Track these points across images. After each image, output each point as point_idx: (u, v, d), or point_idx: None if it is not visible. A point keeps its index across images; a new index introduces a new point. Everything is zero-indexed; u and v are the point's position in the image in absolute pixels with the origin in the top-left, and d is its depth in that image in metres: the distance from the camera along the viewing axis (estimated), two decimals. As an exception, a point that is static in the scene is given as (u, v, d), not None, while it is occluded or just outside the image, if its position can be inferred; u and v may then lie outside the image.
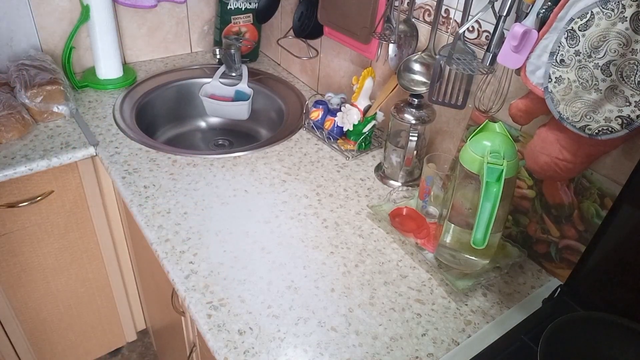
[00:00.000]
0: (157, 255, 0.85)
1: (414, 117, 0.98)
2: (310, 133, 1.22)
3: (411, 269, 0.86)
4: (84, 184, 1.18)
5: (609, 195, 0.76)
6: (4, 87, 1.15)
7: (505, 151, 0.71)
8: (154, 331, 1.53)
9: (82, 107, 1.25)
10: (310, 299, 0.78)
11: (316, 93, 1.43)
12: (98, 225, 1.27)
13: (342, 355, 0.70)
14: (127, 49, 1.47)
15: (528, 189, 0.87)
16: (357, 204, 1.00)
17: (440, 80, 0.91)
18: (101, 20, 1.28)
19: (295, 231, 0.91)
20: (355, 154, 1.15)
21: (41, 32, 1.30)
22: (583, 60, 0.64)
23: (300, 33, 1.29)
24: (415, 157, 1.02)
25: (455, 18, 0.94)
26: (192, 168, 1.06)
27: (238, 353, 0.69)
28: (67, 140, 1.11)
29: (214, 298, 0.77)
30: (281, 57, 1.56)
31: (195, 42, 1.60)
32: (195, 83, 1.44)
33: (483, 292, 0.83)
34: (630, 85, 0.61)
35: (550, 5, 0.69)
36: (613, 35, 0.61)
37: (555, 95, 0.68)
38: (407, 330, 0.75)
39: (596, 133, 0.65)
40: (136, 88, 1.36)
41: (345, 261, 0.86)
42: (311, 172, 1.08)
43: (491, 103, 0.89)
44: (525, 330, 0.73)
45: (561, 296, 0.77)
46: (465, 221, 0.78)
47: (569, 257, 0.84)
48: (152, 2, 1.40)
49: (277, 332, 0.73)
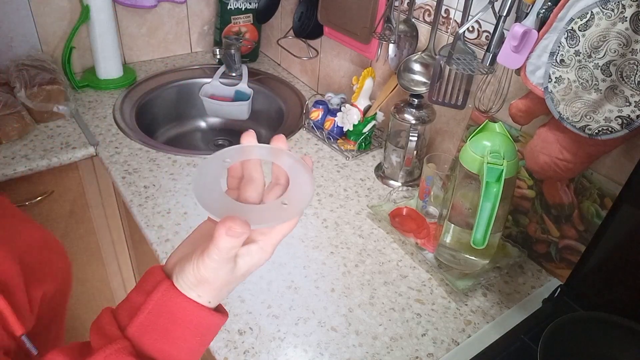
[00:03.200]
0: (157, 256, 0.85)
1: (414, 117, 0.98)
2: (310, 133, 1.22)
3: (411, 269, 0.86)
4: (84, 184, 1.18)
5: (609, 195, 0.76)
6: (4, 87, 1.15)
7: (505, 151, 0.71)
8: (154, 331, 1.53)
9: (82, 107, 1.25)
10: (310, 299, 0.78)
11: (316, 93, 1.43)
12: (98, 225, 1.27)
13: (342, 355, 0.70)
14: (127, 49, 1.47)
15: (528, 189, 0.87)
16: (357, 204, 1.00)
17: (440, 80, 0.91)
18: (101, 20, 1.28)
19: (295, 231, 0.91)
20: (355, 154, 1.15)
21: (41, 32, 1.30)
22: (583, 60, 0.64)
23: (300, 33, 1.29)
24: (415, 157, 1.02)
25: (455, 18, 0.94)
26: (192, 168, 1.06)
27: (238, 353, 0.69)
28: (67, 140, 1.11)
29: (214, 298, 0.77)
30: (281, 57, 1.56)
31: (195, 42, 1.60)
32: (195, 83, 1.44)
33: (483, 292, 0.83)
34: (630, 85, 0.61)
35: (550, 5, 0.69)
36: (613, 35, 0.61)
37: (555, 95, 0.68)
38: (407, 330, 0.75)
39: (596, 133, 0.65)
40: (136, 88, 1.36)
41: (345, 261, 0.86)
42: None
43: (491, 103, 0.89)
44: (525, 330, 0.73)
45: (561, 296, 0.77)
46: (465, 221, 0.78)
47: (569, 257, 0.84)
48: (152, 2, 1.40)
49: (277, 332, 0.73)
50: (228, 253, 0.39)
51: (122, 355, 0.39)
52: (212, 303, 0.42)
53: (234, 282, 0.43)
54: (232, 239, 0.38)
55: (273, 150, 0.47)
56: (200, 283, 0.41)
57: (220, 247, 0.38)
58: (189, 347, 0.42)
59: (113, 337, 0.40)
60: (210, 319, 0.42)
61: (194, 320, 0.41)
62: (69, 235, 1.23)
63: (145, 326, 0.41)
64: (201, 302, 0.41)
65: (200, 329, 0.42)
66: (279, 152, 0.47)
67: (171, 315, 0.41)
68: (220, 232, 0.37)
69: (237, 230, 0.37)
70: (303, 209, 0.43)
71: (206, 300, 0.42)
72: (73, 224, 1.22)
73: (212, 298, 0.42)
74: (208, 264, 0.39)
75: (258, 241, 0.42)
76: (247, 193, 0.45)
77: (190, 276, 0.40)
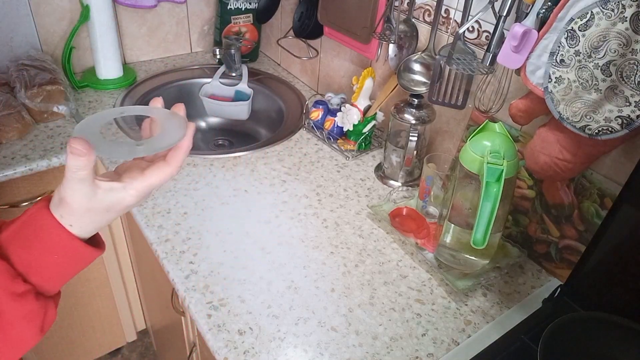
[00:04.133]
0: (157, 255, 0.85)
1: (414, 117, 0.98)
2: (310, 133, 1.22)
3: (411, 269, 0.86)
4: (84, 184, 1.18)
5: (609, 195, 0.76)
6: (4, 87, 1.15)
7: (505, 151, 0.71)
8: (154, 331, 1.53)
9: (82, 107, 1.25)
10: (310, 299, 0.78)
11: (316, 93, 1.43)
12: (98, 225, 1.26)
13: (342, 355, 0.70)
14: (127, 49, 1.47)
15: (528, 189, 0.87)
16: (357, 204, 1.00)
17: (440, 80, 0.91)
18: (101, 20, 1.28)
19: (295, 231, 0.91)
20: (355, 154, 1.15)
21: (41, 32, 1.30)
22: (583, 60, 0.64)
23: (300, 33, 1.29)
24: (415, 157, 1.02)
25: (455, 18, 0.94)
26: (192, 168, 1.06)
27: (238, 353, 0.69)
28: (67, 140, 1.11)
29: (214, 298, 0.77)
30: (281, 57, 1.56)
31: (195, 42, 1.60)
32: (195, 83, 1.44)
33: (483, 292, 0.83)
34: (630, 85, 0.61)
35: (550, 5, 0.69)
36: (613, 35, 0.61)
37: (555, 95, 0.68)
38: (407, 330, 0.75)
39: (596, 133, 0.65)
40: (136, 88, 1.36)
41: (345, 261, 0.86)
42: (311, 172, 1.08)
43: (491, 103, 0.89)
44: (525, 330, 0.73)
45: (561, 296, 0.77)
46: (465, 221, 0.78)
47: (569, 257, 0.84)
48: (152, 2, 1.40)
49: (277, 332, 0.73)
50: (76, 173, 0.43)
51: None
52: (74, 227, 0.46)
53: (98, 214, 0.46)
54: (75, 157, 0.42)
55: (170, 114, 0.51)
56: (61, 203, 0.45)
57: (68, 165, 0.43)
58: (46, 264, 0.46)
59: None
60: (68, 241, 0.46)
61: (53, 237, 0.45)
62: (69, 235, 1.23)
63: (14, 233, 0.46)
64: (63, 222, 0.45)
65: (57, 247, 0.46)
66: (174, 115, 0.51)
67: (37, 229, 0.45)
68: (67, 150, 0.43)
69: (77, 147, 0.42)
70: (154, 151, 0.48)
71: (67, 222, 0.46)
72: (73, 224, 1.22)
73: (73, 222, 0.46)
74: (64, 183, 0.44)
75: (123, 182, 0.47)
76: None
77: (55, 196, 0.46)
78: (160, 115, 0.52)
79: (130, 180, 0.47)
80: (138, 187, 0.47)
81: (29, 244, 0.45)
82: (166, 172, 0.48)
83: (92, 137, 0.45)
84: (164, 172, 0.48)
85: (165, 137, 0.49)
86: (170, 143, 0.48)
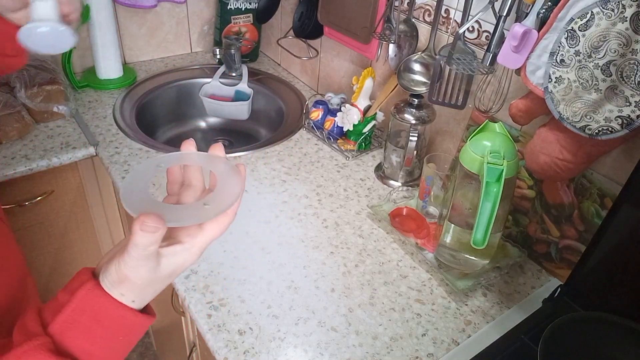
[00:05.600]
0: (157, 255, 0.85)
1: (414, 117, 0.98)
2: (310, 133, 1.22)
3: (411, 269, 0.86)
4: (84, 184, 1.18)
5: (609, 195, 0.76)
6: (4, 87, 1.15)
7: (505, 151, 0.71)
8: (154, 331, 1.53)
9: (82, 107, 1.25)
10: (310, 299, 0.78)
11: (316, 93, 1.43)
12: (98, 225, 1.27)
13: (342, 355, 0.70)
14: (127, 49, 1.47)
15: (528, 189, 0.87)
16: (357, 204, 1.00)
17: (440, 80, 0.91)
18: (101, 20, 1.28)
19: (295, 231, 0.91)
20: (355, 154, 1.15)
21: (41, 32, 1.30)
22: (583, 60, 0.64)
23: (300, 33, 1.29)
24: (415, 157, 1.02)
25: (455, 18, 0.94)
26: (192, 168, 1.06)
27: (238, 353, 0.69)
28: (67, 140, 1.11)
29: (214, 298, 0.77)
30: (281, 57, 1.56)
31: (195, 42, 1.60)
32: (195, 83, 1.44)
33: (483, 292, 0.83)
34: (630, 85, 0.61)
35: (550, 5, 0.69)
36: (613, 35, 0.61)
37: (555, 95, 0.68)
38: (407, 330, 0.75)
39: (596, 133, 0.65)
40: (136, 88, 1.36)
41: (345, 261, 0.86)
42: (311, 172, 1.08)
43: (491, 103, 0.89)
44: (525, 330, 0.73)
45: (561, 296, 0.77)
46: (465, 221, 0.78)
47: (569, 257, 0.84)
48: (152, 2, 1.40)
49: (277, 332, 0.73)
50: (145, 249, 0.39)
51: (41, 352, 0.39)
52: (136, 302, 0.43)
53: (159, 282, 0.43)
54: (147, 235, 0.38)
55: (209, 157, 0.47)
56: (122, 281, 0.41)
57: (136, 243, 0.38)
58: (111, 346, 0.43)
59: (34, 334, 0.40)
60: (132, 318, 0.43)
61: (116, 319, 0.42)
62: (69, 235, 1.23)
63: (68, 324, 0.41)
64: (124, 301, 0.42)
65: (123, 328, 0.43)
66: (214, 159, 0.47)
67: (94, 314, 0.41)
68: (135, 228, 0.38)
69: (150, 225, 0.38)
70: (224, 211, 0.43)
71: (129, 299, 0.42)
72: (73, 224, 1.22)
73: (135, 297, 0.42)
74: (128, 261, 0.40)
75: (184, 242, 0.43)
76: (185, 199, 0.45)
77: (113, 274, 0.41)
78: (204, 162, 0.47)
79: (190, 239, 0.43)
80: (200, 244, 0.43)
81: (87, 331, 0.41)
82: (225, 223, 0.44)
83: (149, 205, 0.41)
84: (223, 224, 0.44)
85: (226, 190, 0.44)
86: (236, 196, 0.44)
